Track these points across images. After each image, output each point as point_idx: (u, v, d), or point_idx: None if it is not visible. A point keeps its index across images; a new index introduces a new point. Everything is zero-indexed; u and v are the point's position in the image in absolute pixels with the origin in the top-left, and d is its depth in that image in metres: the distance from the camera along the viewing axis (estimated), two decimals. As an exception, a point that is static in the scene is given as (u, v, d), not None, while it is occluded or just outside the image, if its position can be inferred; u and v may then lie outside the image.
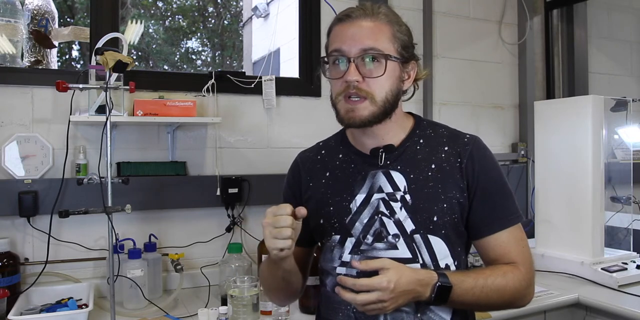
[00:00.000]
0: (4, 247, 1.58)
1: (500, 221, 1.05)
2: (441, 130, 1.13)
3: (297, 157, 1.22)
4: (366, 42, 0.99)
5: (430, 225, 1.02)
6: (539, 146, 2.09)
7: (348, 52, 1.00)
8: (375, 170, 1.07)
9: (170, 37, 6.23)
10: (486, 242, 1.06)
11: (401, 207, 1.03)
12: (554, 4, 2.76)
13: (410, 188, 1.04)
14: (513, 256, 1.05)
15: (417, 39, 1.11)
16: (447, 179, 1.04)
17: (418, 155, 1.07)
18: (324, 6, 2.17)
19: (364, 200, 1.06)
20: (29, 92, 1.73)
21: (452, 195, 1.03)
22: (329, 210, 1.08)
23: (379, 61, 1.00)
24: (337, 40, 1.02)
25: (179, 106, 1.75)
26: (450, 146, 1.08)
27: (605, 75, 2.94)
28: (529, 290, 1.05)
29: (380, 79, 1.00)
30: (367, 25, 1.01)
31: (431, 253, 1.03)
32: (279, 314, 1.50)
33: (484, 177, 1.05)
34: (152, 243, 1.77)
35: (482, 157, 1.07)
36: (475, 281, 0.98)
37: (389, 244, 1.03)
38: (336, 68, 1.03)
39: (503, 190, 1.08)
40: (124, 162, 1.82)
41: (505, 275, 1.01)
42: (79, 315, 1.41)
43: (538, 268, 1.99)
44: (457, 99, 2.52)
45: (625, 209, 2.18)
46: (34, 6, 1.89)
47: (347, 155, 1.12)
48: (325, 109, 2.14)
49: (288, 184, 1.20)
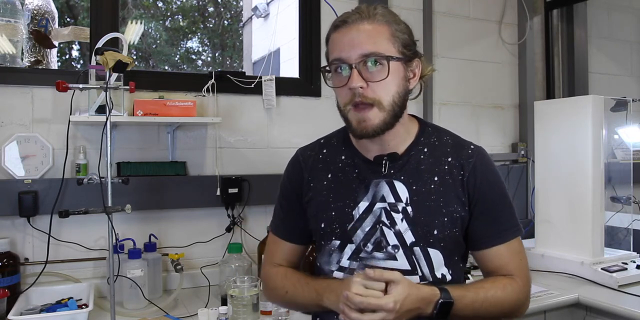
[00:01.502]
0: (4, 247, 1.58)
1: (500, 234, 1.06)
2: (445, 137, 1.12)
3: (298, 153, 1.20)
4: (365, 47, 0.97)
5: (430, 238, 1.02)
6: (539, 146, 2.09)
7: (348, 58, 0.98)
8: (378, 179, 1.06)
9: (171, 37, 6.23)
10: (485, 254, 1.07)
11: (402, 219, 1.03)
12: (554, 4, 2.76)
13: (412, 200, 1.04)
14: (511, 268, 1.06)
15: (417, 39, 1.10)
16: (449, 193, 1.04)
17: (422, 165, 1.06)
18: (324, 6, 2.17)
19: (367, 208, 1.05)
20: (29, 92, 1.73)
21: (453, 209, 1.03)
22: (330, 215, 1.08)
23: (381, 64, 0.98)
24: (336, 49, 1.01)
25: (179, 106, 1.75)
26: (454, 157, 1.07)
27: (605, 75, 2.94)
28: (526, 302, 1.07)
29: (385, 81, 0.98)
30: (365, 29, 0.99)
31: (429, 265, 1.03)
32: (279, 314, 1.49)
33: (485, 191, 1.05)
34: (152, 243, 1.77)
35: (484, 170, 1.07)
36: (475, 295, 0.99)
37: (388, 255, 1.03)
38: (339, 76, 1.01)
39: (504, 203, 1.08)
40: (124, 162, 1.82)
41: (505, 288, 1.02)
42: (79, 315, 1.41)
43: (538, 268, 2.00)
44: (457, 99, 2.52)
45: (625, 209, 2.18)
46: (34, 6, 1.89)
47: (350, 158, 1.11)
48: (325, 109, 2.16)
49: (289, 179, 1.18)
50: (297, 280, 1.11)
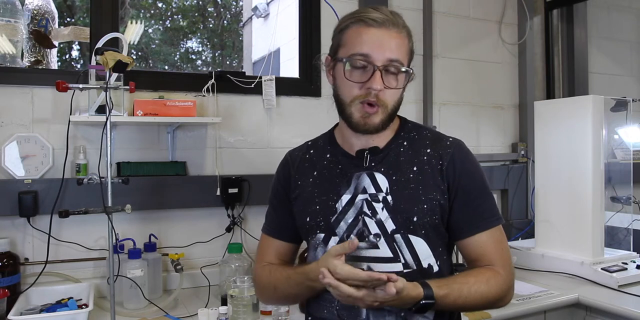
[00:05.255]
0: (4, 247, 1.58)
1: (480, 223, 1.07)
2: (425, 132, 1.15)
3: (287, 154, 1.24)
4: (394, 53, 1.01)
5: (411, 225, 1.04)
6: (539, 146, 2.09)
7: (376, 59, 1.00)
8: (360, 171, 1.09)
9: (170, 37, 6.23)
10: (466, 243, 1.08)
11: (383, 208, 1.05)
12: (554, 4, 2.76)
13: (392, 189, 1.06)
14: (492, 258, 1.07)
15: (417, 39, 1.12)
16: (428, 181, 1.06)
17: (401, 157, 1.09)
18: (324, 6, 2.17)
19: (349, 200, 1.08)
20: (29, 92, 1.73)
21: (432, 197, 1.05)
22: (315, 209, 1.10)
23: (399, 73, 1.03)
24: (364, 45, 1.01)
25: (179, 106, 1.75)
26: (433, 149, 1.10)
27: (605, 75, 2.94)
28: (510, 292, 1.08)
29: (397, 90, 1.04)
30: (395, 36, 1.02)
31: (413, 253, 1.04)
32: (279, 314, 1.49)
33: (464, 179, 1.07)
34: (152, 243, 1.77)
35: (463, 159, 1.09)
36: (459, 292, 1.00)
37: (370, 244, 1.04)
38: (358, 72, 1.03)
39: (483, 192, 1.09)
40: (124, 162, 1.82)
41: (489, 281, 1.03)
42: (79, 315, 1.41)
43: (538, 268, 2.00)
44: (457, 99, 2.52)
45: (625, 209, 2.18)
46: (34, 6, 1.89)
47: (334, 155, 1.14)
48: (325, 109, 2.16)
49: (278, 180, 1.22)
50: (281, 273, 1.13)
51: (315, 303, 1.11)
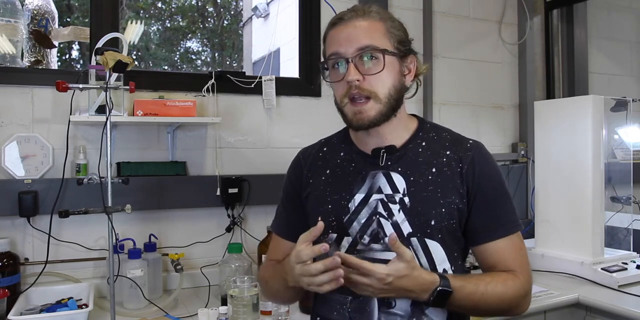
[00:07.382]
0: (4, 247, 1.58)
1: (500, 229, 1.05)
2: (444, 133, 1.13)
3: (299, 153, 1.22)
4: (362, 41, 1.00)
5: (428, 229, 1.02)
6: (539, 146, 2.09)
7: (345, 53, 1.01)
8: (375, 170, 1.07)
9: (169, 38, 6.22)
10: (484, 248, 1.06)
11: (399, 210, 1.03)
12: (554, 4, 2.76)
13: (410, 191, 1.04)
14: (511, 264, 1.04)
15: (417, 39, 1.12)
16: (447, 184, 1.04)
17: (419, 157, 1.07)
18: (324, 6, 2.17)
19: (362, 200, 1.06)
20: (29, 92, 1.73)
21: (451, 201, 1.03)
22: (327, 208, 1.08)
23: (377, 58, 1.00)
24: (333, 44, 1.04)
25: (179, 106, 1.75)
26: (452, 151, 1.08)
27: (605, 75, 2.94)
28: (527, 299, 1.06)
29: (381, 75, 1.00)
30: (361, 25, 1.02)
31: (429, 257, 1.02)
32: (279, 314, 1.49)
33: (484, 184, 1.05)
34: (152, 243, 1.77)
35: (483, 163, 1.07)
36: (476, 287, 0.98)
37: (385, 246, 1.02)
38: (336, 71, 1.04)
39: (503, 198, 1.07)
40: (124, 162, 1.82)
41: (506, 282, 1.01)
42: (79, 315, 1.41)
43: (538, 268, 2.00)
44: (457, 98, 2.52)
45: (625, 209, 2.18)
46: (34, 6, 1.89)
47: (348, 153, 1.12)
48: (325, 109, 2.16)
49: (289, 179, 1.20)
50: (273, 268, 1.13)
51: (324, 304, 1.09)
